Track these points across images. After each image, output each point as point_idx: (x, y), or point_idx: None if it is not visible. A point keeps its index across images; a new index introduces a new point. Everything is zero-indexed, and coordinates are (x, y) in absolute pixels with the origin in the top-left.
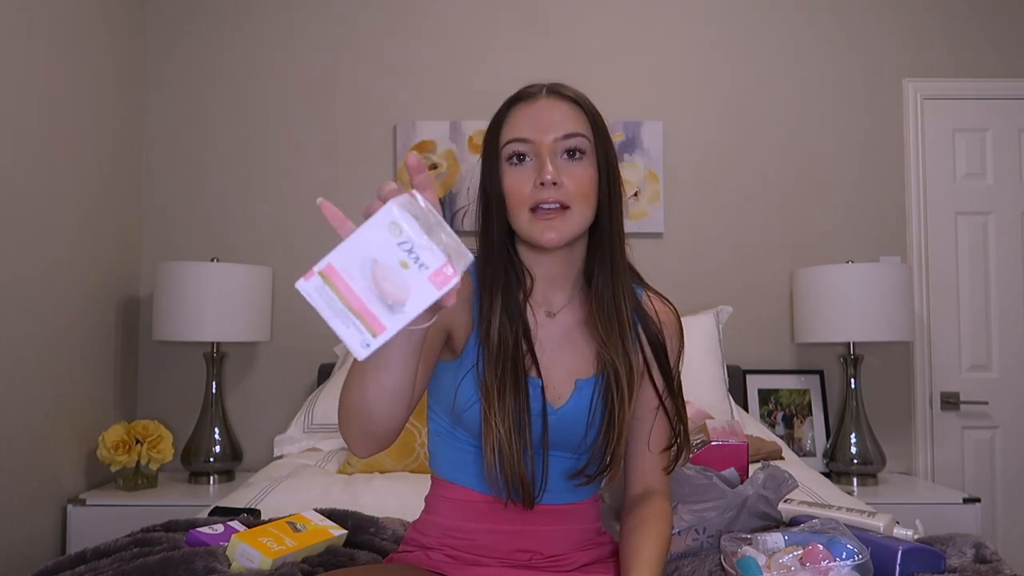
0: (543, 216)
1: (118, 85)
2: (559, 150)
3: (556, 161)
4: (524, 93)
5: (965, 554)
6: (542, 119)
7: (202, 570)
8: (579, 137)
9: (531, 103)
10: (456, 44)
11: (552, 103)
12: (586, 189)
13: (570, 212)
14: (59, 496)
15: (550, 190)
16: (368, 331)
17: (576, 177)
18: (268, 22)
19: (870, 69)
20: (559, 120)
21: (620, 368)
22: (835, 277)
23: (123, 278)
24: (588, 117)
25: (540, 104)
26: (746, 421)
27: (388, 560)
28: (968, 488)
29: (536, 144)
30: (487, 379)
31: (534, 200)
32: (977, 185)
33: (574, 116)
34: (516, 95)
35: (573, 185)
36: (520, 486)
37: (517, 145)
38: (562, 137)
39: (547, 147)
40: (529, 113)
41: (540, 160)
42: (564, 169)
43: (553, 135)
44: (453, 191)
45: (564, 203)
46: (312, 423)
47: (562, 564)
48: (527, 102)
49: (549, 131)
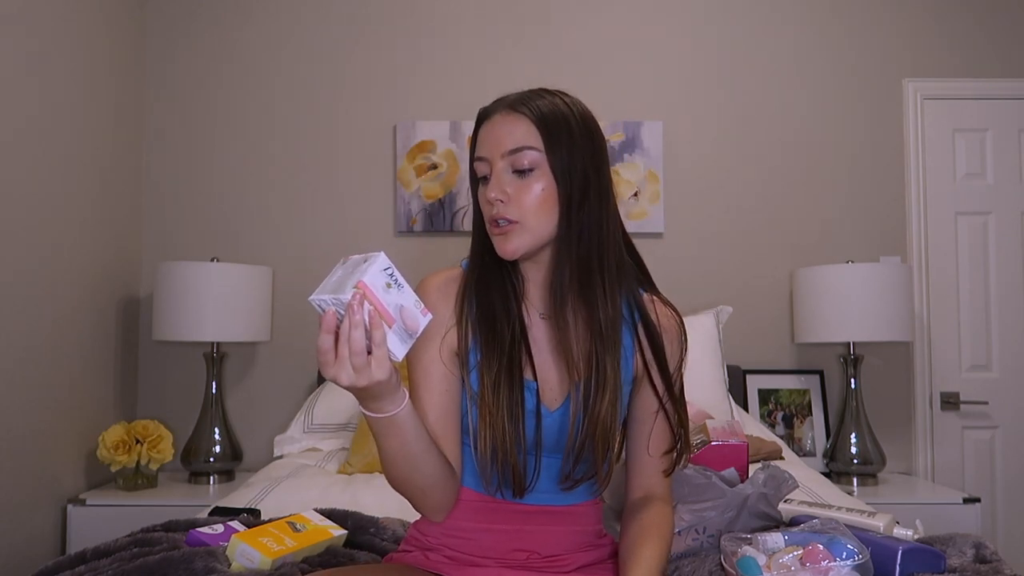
0: (496, 231)
1: (118, 85)
2: (507, 167)
3: (505, 177)
4: (484, 110)
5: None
6: (491, 136)
7: (202, 570)
8: (524, 151)
9: (489, 120)
10: (456, 44)
11: (503, 119)
12: (534, 203)
13: (520, 226)
14: (59, 496)
15: (497, 207)
16: None
17: (523, 191)
18: (268, 22)
19: (870, 69)
20: (504, 136)
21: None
22: (835, 277)
23: (123, 278)
24: (541, 128)
25: (493, 121)
26: (746, 421)
27: (387, 560)
28: (968, 488)
29: (489, 162)
30: (484, 377)
31: (488, 216)
32: (977, 185)
33: (523, 130)
34: (482, 111)
35: (520, 200)
36: (511, 478)
37: (478, 164)
38: (507, 153)
39: (497, 164)
40: (485, 130)
41: (492, 177)
42: (512, 184)
43: (500, 151)
44: (453, 191)
45: (511, 219)
46: (312, 423)
47: (561, 565)
48: (487, 119)
49: (496, 148)
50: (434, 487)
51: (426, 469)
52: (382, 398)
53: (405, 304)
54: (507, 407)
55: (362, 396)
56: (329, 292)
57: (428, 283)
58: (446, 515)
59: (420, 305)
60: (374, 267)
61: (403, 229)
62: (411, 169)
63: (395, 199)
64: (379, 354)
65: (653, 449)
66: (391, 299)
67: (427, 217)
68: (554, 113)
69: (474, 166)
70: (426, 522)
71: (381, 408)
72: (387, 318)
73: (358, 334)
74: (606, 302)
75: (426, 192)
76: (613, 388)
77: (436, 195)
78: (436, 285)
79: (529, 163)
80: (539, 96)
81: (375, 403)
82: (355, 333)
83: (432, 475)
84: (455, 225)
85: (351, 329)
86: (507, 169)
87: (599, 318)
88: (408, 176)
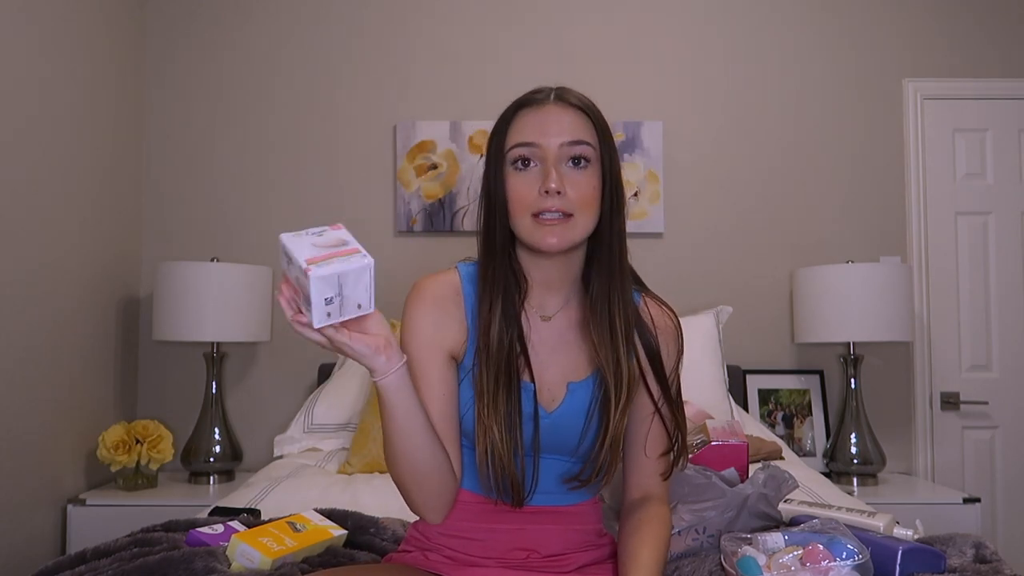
0: (545, 222)
1: (118, 85)
2: (564, 156)
3: (560, 168)
4: (531, 98)
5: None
6: (549, 124)
7: (202, 570)
8: (585, 145)
9: (538, 108)
10: (456, 44)
11: (559, 109)
12: (589, 198)
13: (573, 220)
14: (59, 496)
15: (554, 199)
16: None
17: (580, 186)
18: (268, 22)
19: (870, 69)
20: (567, 126)
21: (610, 372)
22: (835, 277)
23: (123, 278)
24: (595, 125)
25: (547, 109)
26: (746, 421)
27: (387, 560)
28: (968, 488)
29: (542, 149)
30: (481, 382)
31: (538, 207)
32: (977, 185)
33: (581, 123)
34: (523, 99)
35: (577, 194)
36: (510, 486)
37: (522, 149)
38: (568, 143)
39: (553, 153)
40: (536, 118)
41: (545, 166)
42: (568, 177)
43: (559, 141)
44: (453, 191)
45: (567, 212)
46: (312, 423)
47: (561, 565)
48: (534, 107)
49: (556, 136)
50: (430, 474)
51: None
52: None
53: None
54: (504, 411)
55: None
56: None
57: (422, 287)
58: (443, 516)
59: None
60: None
61: (403, 229)
62: (411, 169)
63: (395, 199)
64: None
65: (650, 450)
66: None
67: (427, 217)
68: (600, 113)
69: (512, 152)
70: (425, 522)
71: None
72: None
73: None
74: (627, 304)
75: (426, 192)
76: (629, 386)
77: (436, 195)
78: (430, 289)
79: (586, 156)
80: (578, 93)
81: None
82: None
83: (428, 460)
84: (455, 225)
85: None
86: (564, 160)
87: (625, 316)
88: (408, 176)
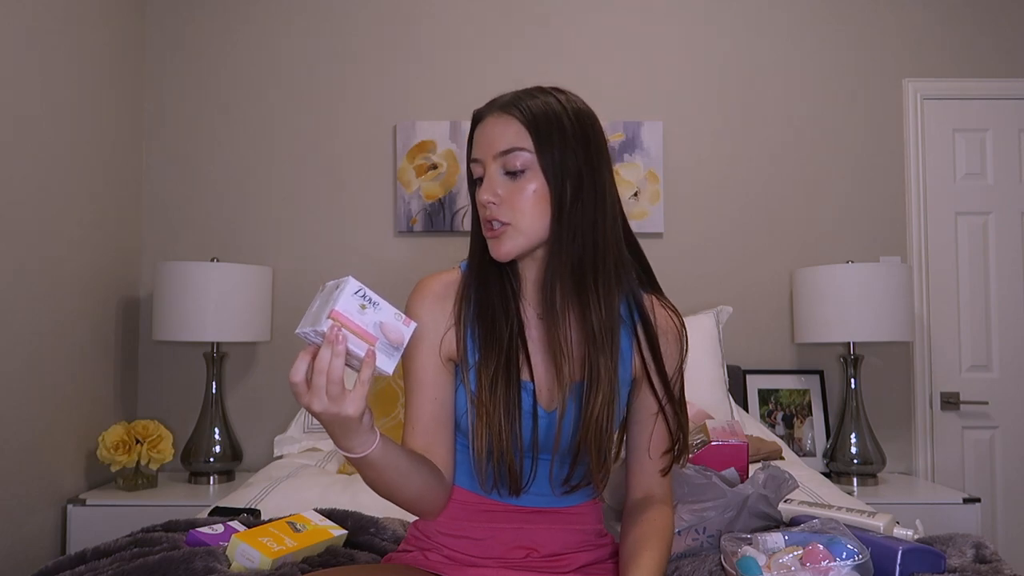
0: (490, 233)
1: (118, 85)
2: (499, 168)
3: (497, 179)
4: (478, 112)
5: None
6: (484, 138)
7: (202, 570)
8: (515, 152)
9: (482, 122)
10: (456, 44)
11: (495, 120)
12: (525, 204)
13: (512, 228)
14: (59, 496)
15: (490, 209)
16: None
17: (514, 194)
18: (268, 22)
19: (870, 69)
20: (496, 138)
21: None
22: (835, 277)
23: (123, 278)
24: (530, 128)
25: (486, 122)
26: (746, 421)
27: (386, 560)
28: (968, 488)
29: (482, 163)
30: (482, 376)
31: (483, 217)
32: (977, 185)
33: (513, 131)
34: (474, 113)
35: (511, 202)
36: (507, 476)
37: (473, 166)
38: (499, 154)
39: (489, 165)
40: (479, 132)
41: (485, 179)
42: (504, 186)
43: (492, 152)
44: (453, 191)
45: (504, 220)
46: (312, 423)
47: (561, 565)
48: (480, 121)
49: (488, 149)
50: (419, 500)
51: (407, 492)
52: (351, 437)
53: (384, 320)
54: (503, 406)
55: (334, 432)
56: (309, 325)
57: (424, 287)
58: (439, 514)
59: (401, 317)
60: (344, 294)
61: (403, 229)
62: (411, 169)
63: (395, 199)
64: (358, 391)
65: (653, 451)
66: (368, 319)
67: (427, 217)
68: (545, 113)
69: (470, 167)
70: (425, 522)
71: (352, 448)
72: (368, 339)
73: (338, 363)
74: (599, 304)
75: (426, 192)
76: (607, 390)
77: (436, 195)
78: (432, 288)
79: (521, 164)
80: (532, 96)
81: (346, 441)
82: (335, 362)
83: (416, 493)
84: (455, 225)
85: (332, 358)
86: (499, 171)
87: (591, 320)
88: (408, 176)
